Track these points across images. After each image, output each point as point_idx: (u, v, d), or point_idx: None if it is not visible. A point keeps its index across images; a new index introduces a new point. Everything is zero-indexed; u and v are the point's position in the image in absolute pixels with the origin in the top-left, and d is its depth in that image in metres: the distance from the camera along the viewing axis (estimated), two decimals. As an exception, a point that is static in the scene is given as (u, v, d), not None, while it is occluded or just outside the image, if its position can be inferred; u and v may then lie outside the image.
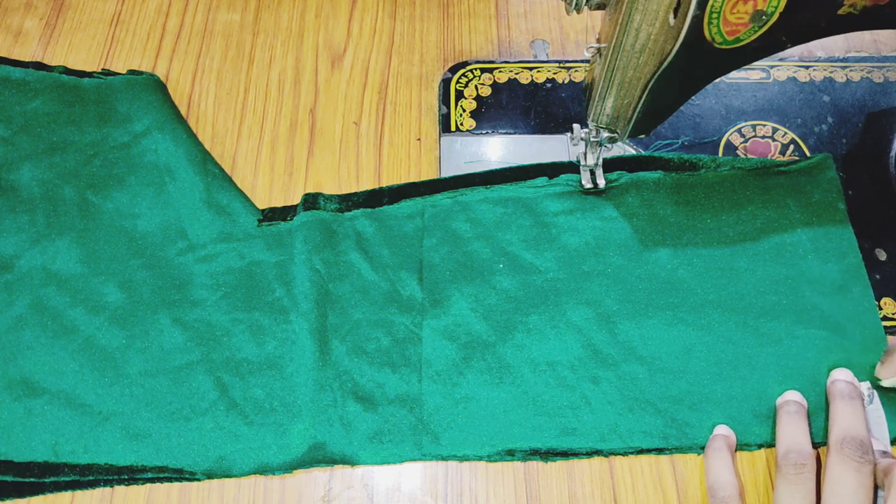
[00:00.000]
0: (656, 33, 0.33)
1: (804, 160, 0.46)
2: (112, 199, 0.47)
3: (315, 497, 0.39)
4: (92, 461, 0.39)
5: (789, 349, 0.41)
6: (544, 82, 0.52)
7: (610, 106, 0.39)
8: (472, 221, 0.46)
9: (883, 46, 0.53)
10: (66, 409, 0.40)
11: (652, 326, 0.42)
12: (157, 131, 0.48)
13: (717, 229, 0.45)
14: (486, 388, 0.41)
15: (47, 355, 0.42)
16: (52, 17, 0.56)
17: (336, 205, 0.46)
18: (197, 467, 0.39)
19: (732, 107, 0.50)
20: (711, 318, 0.42)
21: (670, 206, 0.45)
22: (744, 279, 0.43)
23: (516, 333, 0.42)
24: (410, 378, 0.41)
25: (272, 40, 0.55)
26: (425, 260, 0.44)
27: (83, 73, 0.52)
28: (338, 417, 0.40)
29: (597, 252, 0.44)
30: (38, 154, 0.48)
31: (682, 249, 0.44)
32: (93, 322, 0.43)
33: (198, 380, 0.41)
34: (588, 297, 0.43)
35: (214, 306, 0.43)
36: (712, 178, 0.46)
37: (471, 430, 0.40)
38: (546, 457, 0.39)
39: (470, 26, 0.55)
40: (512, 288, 0.43)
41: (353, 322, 0.43)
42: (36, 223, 0.46)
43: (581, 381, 0.41)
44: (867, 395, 0.39)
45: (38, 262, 0.45)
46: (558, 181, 0.46)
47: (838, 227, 0.44)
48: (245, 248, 0.45)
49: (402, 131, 0.51)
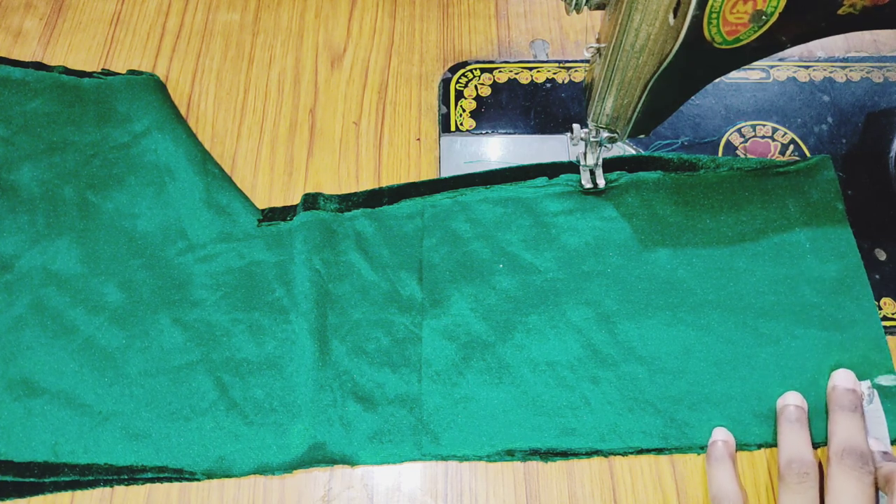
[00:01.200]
0: (656, 33, 0.33)
1: (803, 161, 0.46)
2: (112, 199, 0.47)
3: (315, 497, 0.39)
4: (92, 461, 0.39)
5: (788, 349, 0.41)
6: (544, 82, 0.52)
7: (610, 106, 0.39)
8: (471, 221, 0.46)
9: (883, 46, 0.53)
10: (66, 409, 0.40)
11: (651, 326, 0.42)
12: (157, 131, 0.48)
13: (717, 229, 0.45)
14: (485, 388, 0.41)
15: (47, 355, 0.42)
16: (52, 17, 0.57)
17: (336, 205, 0.46)
18: (197, 467, 0.39)
19: (732, 107, 0.50)
20: (711, 318, 0.42)
21: (670, 206, 0.45)
22: (743, 279, 0.43)
23: (516, 333, 0.42)
24: (410, 378, 0.41)
25: (272, 40, 0.55)
26: (425, 260, 0.44)
27: (83, 73, 0.52)
28: (338, 417, 0.40)
29: (596, 252, 0.44)
30: (38, 154, 0.48)
31: (682, 249, 0.44)
32: (93, 322, 0.43)
33: (198, 380, 0.41)
34: (588, 297, 0.43)
35: (214, 306, 0.43)
36: (711, 178, 0.46)
37: (470, 430, 0.40)
38: (546, 457, 0.39)
39: (470, 26, 0.55)
40: (512, 288, 0.43)
41: (353, 322, 0.43)
42: (36, 223, 0.46)
43: (581, 381, 0.41)
44: (867, 395, 0.39)
45: (37, 262, 0.45)
46: (558, 181, 0.46)
47: (837, 227, 0.44)
48: (245, 248, 0.45)
49: (401, 131, 0.51)
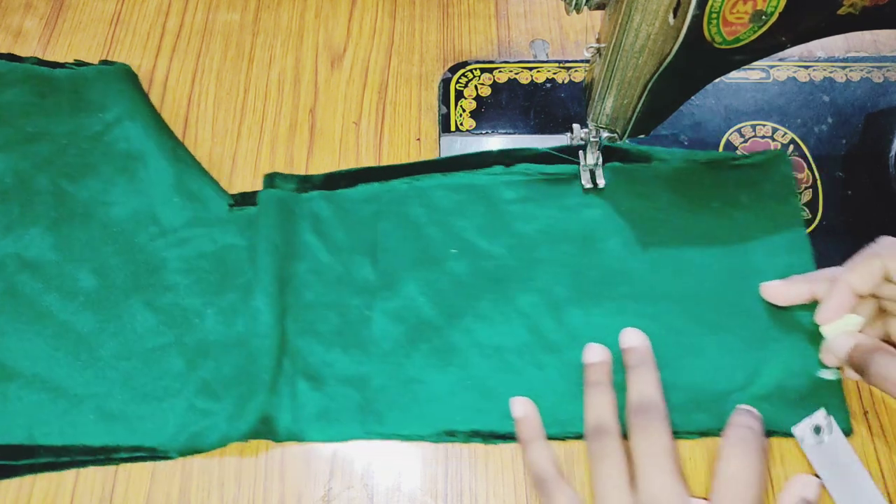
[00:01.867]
0: (656, 33, 0.33)
1: (758, 154, 0.47)
2: (86, 187, 0.47)
3: (315, 497, 0.39)
4: (67, 443, 0.39)
5: (734, 340, 0.41)
6: (544, 82, 0.52)
7: (610, 106, 0.39)
8: (427, 207, 0.46)
9: (883, 46, 0.53)
10: (41, 392, 0.41)
11: (598, 314, 0.42)
12: (128, 120, 0.49)
13: (670, 221, 0.45)
14: (431, 369, 0.41)
15: (21, 340, 0.42)
16: (52, 16, 0.57)
17: (293, 185, 0.47)
18: (170, 446, 0.39)
19: (732, 107, 0.50)
20: (659, 307, 0.42)
21: (625, 196, 0.46)
22: (693, 270, 0.43)
23: (465, 317, 0.42)
24: (360, 358, 0.42)
25: (272, 40, 0.55)
26: (380, 244, 0.45)
27: (56, 63, 0.52)
28: (288, 394, 0.40)
29: (549, 240, 0.45)
30: (12, 144, 0.48)
31: (634, 240, 0.44)
32: (66, 307, 0.43)
33: (170, 361, 0.42)
34: (538, 283, 0.43)
35: (187, 290, 0.44)
36: (667, 170, 0.47)
37: (414, 410, 0.40)
38: (487, 439, 0.40)
39: (470, 26, 0.55)
40: (463, 273, 0.44)
41: (306, 302, 0.43)
42: (10, 212, 0.46)
43: (526, 366, 0.41)
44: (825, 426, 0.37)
45: (11, 249, 0.45)
46: (514, 170, 0.47)
47: (789, 221, 0.45)
48: (217, 232, 0.46)
49: (401, 131, 0.51)
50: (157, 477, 0.39)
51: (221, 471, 0.40)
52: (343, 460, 0.40)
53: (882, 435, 0.39)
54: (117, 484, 0.39)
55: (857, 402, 0.40)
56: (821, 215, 0.46)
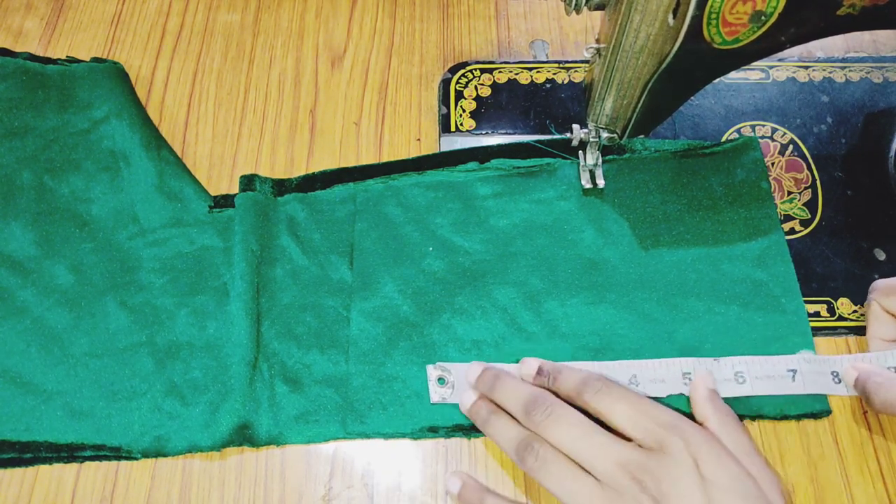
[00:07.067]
0: (655, 34, 0.33)
1: (730, 142, 0.47)
2: (68, 183, 0.47)
3: (315, 497, 0.39)
4: (33, 439, 0.40)
5: (708, 326, 0.42)
6: (544, 83, 0.52)
7: (609, 106, 0.39)
8: (403, 206, 0.46)
9: (882, 47, 0.53)
10: (10, 386, 0.41)
11: (575, 305, 0.43)
12: (115, 118, 0.49)
13: (643, 210, 0.45)
14: (411, 367, 0.41)
15: None
16: (53, 17, 0.57)
17: (270, 188, 0.47)
18: (134, 446, 0.39)
19: (732, 107, 0.50)
20: (634, 296, 0.43)
21: (598, 187, 0.46)
22: (667, 258, 0.44)
23: (443, 314, 0.43)
24: (338, 359, 0.42)
25: (272, 41, 0.55)
26: (356, 244, 0.45)
27: (48, 59, 0.52)
28: (266, 398, 0.40)
29: (524, 233, 0.45)
30: None
31: (608, 230, 0.45)
32: (42, 303, 0.43)
33: (140, 361, 0.42)
34: (514, 277, 0.44)
35: (161, 290, 0.44)
36: (640, 160, 0.47)
37: (395, 408, 0.40)
38: (469, 433, 0.40)
39: (470, 27, 0.55)
40: (440, 270, 0.44)
41: (283, 306, 0.43)
42: None
43: (505, 358, 0.41)
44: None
45: None
46: (489, 166, 0.47)
47: (761, 206, 0.45)
48: (195, 233, 0.46)
49: (402, 132, 0.51)
50: (157, 476, 0.40)
51: (222, 471, 0.40)
52: (343, 460, 0.40)
53: (882, 434, 0.40)
54: (118, 483, 0.39)
55: (857, 401, 0.40)
56: (820, 215, 0.46)
